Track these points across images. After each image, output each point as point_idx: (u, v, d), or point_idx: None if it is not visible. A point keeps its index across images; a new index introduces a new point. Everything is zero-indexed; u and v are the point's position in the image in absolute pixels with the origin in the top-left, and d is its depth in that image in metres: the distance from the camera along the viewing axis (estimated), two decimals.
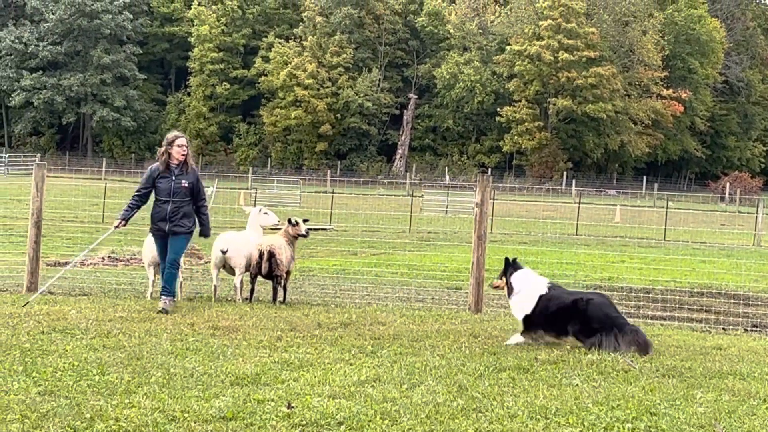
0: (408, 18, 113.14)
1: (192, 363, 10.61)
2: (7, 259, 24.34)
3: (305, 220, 17.60)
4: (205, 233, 15.83)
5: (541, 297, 13.02)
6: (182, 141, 15.68)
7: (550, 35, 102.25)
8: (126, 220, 15.64)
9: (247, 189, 66.48)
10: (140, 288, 18.58)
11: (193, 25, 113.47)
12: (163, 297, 15.06)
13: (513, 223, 47.61)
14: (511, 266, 13.59)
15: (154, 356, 10.95)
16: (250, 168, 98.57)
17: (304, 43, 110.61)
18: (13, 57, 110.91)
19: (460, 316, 15.46)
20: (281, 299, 16.77)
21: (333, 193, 58.13)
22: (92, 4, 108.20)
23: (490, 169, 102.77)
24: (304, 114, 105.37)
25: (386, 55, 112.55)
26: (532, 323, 13.04)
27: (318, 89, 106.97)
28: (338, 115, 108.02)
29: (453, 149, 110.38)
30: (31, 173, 17.67)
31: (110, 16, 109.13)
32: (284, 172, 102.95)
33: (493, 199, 47.78)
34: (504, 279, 13.46)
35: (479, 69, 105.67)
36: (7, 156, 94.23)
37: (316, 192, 70.56)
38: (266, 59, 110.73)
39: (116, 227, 15.81)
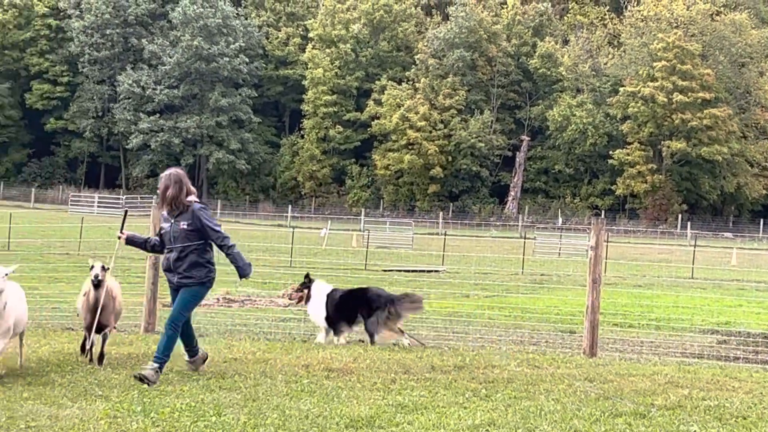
0: (521, 60, 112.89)
1: (307, 405, 10.66)
2: (125, 300, 24.71)
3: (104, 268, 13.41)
4: (243, 273, 13.07)
5: (327, 295, 16.57)
6: (162, 179, 13.14)
7: (665, 77, 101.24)
8: (130, 239, 13.43)
9: (360, 231, 66.71)
10: (255, 329, 18.71)
11: (307, 68, 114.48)
12: (153, 361, 12.29)
13: (627, 266, 47.06)
14: (308, 280, 16.95)
15: (270, 398, 11.03)
16: (363, 210, 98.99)
17: (417, 85, 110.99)
18: (131, 100, 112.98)
19: (574, 360, 15.29)
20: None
21: (445, 234, 58.06)
22: (209, 48, 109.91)
23: (603, 212, 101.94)
24: (416, 157, 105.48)
25: (499, 97, 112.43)
26: (331, 320, 16.46)
27: (430, 131, 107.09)
28: (450, 157, 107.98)
29: (565, 191, 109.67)
30: (148, 214, 17.97)
31: (227, 60, 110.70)
32: (396, 214, 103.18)
33: (607, 242, 47.36)
34: (304, 291, 16.76)
35: (592, 111, 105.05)
36: (124, 197, 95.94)
37: (428, 234, 70.61)
38: (379, 102, 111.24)
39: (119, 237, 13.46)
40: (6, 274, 11.78)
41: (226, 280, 29.20)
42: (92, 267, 13.18)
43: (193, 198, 13.01)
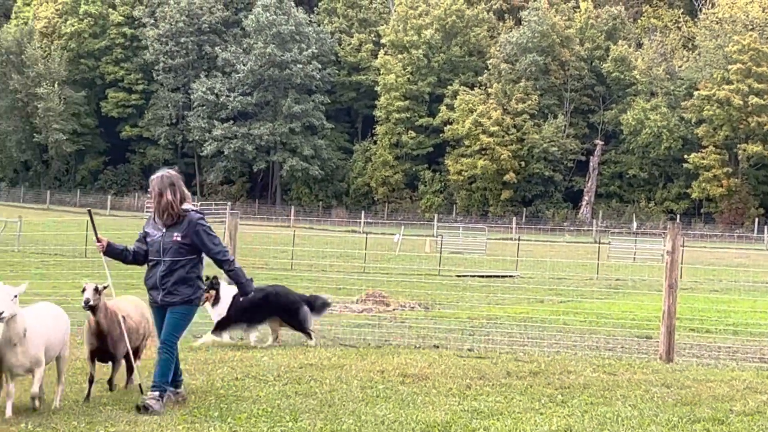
0: (594, 64, 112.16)
1: (383, 410, 10.68)
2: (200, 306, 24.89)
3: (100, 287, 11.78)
4: (245, 290, 11.89)
5: (234, 296, 16.08)
6: (154, 183, 11.58)
7: (740, 79, 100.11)
8: (109, 249, 11.71)
9: (433, 236, 66.67)
10: (330, 335, 18.76)
11: (380, 74, 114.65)
12: (152, 389, 11.08)
13: (703, 271, 46.61)
14: (215, 281, 16.50)
15: (346, 403, 11.07)
16: (436, 215, 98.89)
17: (489, 90, 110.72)
18: (205, 108, 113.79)
19: (651, 366, 15.17)
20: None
21: (519, 240, 57.88)
22: (282, 55, 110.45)
23: (678, 216, 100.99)
24: (489, 162, 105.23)
25: (572, 101, 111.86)
26: (231, 320, 16.61)
27: (503, 136, 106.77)
28: (523, 162, 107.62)
29: (640, 195, 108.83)
30: (222, 221, 18.14)
31: (299, 66, 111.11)
32: (469, 219, 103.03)
33: (683, 247, 46.94)
34: (211, 292, 16.29)
35: (666, 114, 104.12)
36: (199, 204, 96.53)
37: (501, 239, 70.40)
38: (451, 107, 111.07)
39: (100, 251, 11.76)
40: (15, 295, 10.23)
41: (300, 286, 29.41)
42: (84, 290, 11.48)
43: (189, 206, 11.67)
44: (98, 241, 11.69)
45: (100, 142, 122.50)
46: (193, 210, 11.64)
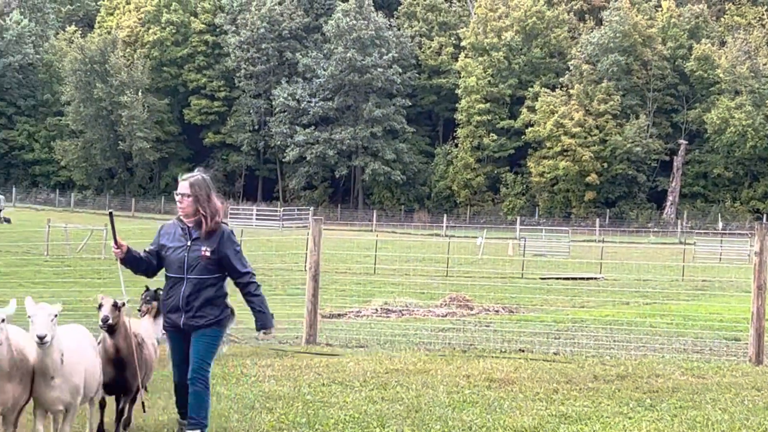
0: (676, 63, 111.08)
1: (470, 416, 10.66)
2: (285, 312, 25.00)
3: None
4: (264, 324, 9.85)
5: None
6: (183, 187, 10.21)
7: None
8: (127, 256, 9.88)
9: (515, 239, 66.45)
10: (414, 340, 18.75)
11: (460, 77, 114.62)
12: (190, 427, 9.64)
13: None
14: (155, 292, 14.67)
15: (432, 408, 11.06)
16: (518, 218, 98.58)
17: (571, 91, 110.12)
18: (286, 114, 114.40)
19: (740, 369, 14.99)
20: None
21: (602, 242, 57.49)
22: (362, 60, 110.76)
23: (765, 215, 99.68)
24: (571, 164, 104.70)
25: (654, 101, 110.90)
26: None
27: (585, 137, 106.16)
28: (605, 163, 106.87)
29: (725, 195, 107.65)
30: (304, 226, 18.20)
31: (380, 71, 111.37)
32: (552, 221, 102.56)
33: None
34: (154, 304, 14.38)
35: (751, 113, 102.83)
36: (281, 210, 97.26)
37: (584, 241, 69.99)
38: (532, 109, 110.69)
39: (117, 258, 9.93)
40: (55, 315, 8.64)
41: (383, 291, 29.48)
42: (100, 306, 9.71)
43: (219, 216, 9.95)
44: (117, 246, 9.84)
45: (184, 149, 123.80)
46: (223, 222, 10.02)
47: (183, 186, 10.07)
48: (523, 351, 16.81)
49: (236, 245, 9.84)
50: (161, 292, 10.50)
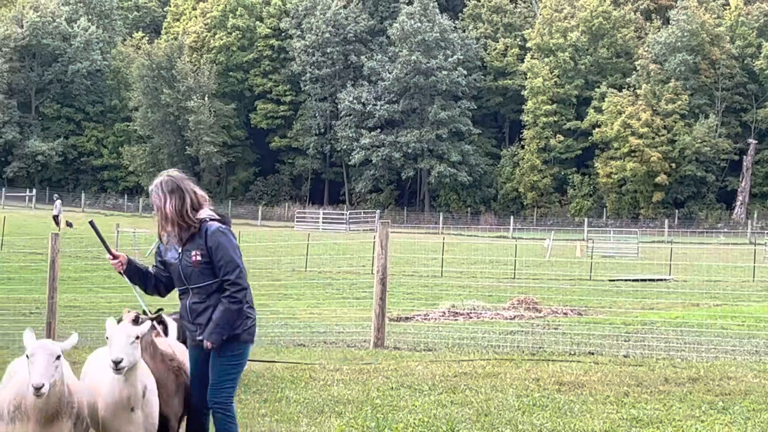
0: (745, 61, 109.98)
1: (540, 419, 10.59)
2: (352, 315, 25.04)
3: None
4: (207, 336, 8.28)
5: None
6: (152, 194, 8.61)
7: None
8: (129, 268, 8.61)
9: (583, 240, 66.14)
10: (483, 343, 18.68)
11: (526, 78, 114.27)
12: None
13: None
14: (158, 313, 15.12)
15: (502, 412, 11.00)
16: (586, 219, 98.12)
17: (638, 91, 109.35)
18: (352, 117, 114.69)
19: None
20: None
21: (671, 243, 57.05)
22: (428, 62, 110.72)
23: None
24: (639, 164, 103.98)
25: (723, 100, 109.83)
26: None
27: (653, 138, 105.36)
28: (674, 164, 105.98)
29: None
30: (371, 229, 18.17)
31: (445, 73, 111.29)
32: (620, 223, 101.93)
33: None
34: (160, 326, 15.31)
35: None
36: (348, 213, 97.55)
37: (653, 242, 69.47)
38: (599, 110, 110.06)
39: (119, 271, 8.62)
40: (137, 337, 7.59)
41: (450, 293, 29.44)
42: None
43: (206, 212, 8.70)
44: (113, 257, 8.59)
45: (250, 154, 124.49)
46: (212, 218, 8.66)
47: (157, 187, 8.57)
48: (592, 354, 16.68)
49: (221, 243, 8.38)
50: None
